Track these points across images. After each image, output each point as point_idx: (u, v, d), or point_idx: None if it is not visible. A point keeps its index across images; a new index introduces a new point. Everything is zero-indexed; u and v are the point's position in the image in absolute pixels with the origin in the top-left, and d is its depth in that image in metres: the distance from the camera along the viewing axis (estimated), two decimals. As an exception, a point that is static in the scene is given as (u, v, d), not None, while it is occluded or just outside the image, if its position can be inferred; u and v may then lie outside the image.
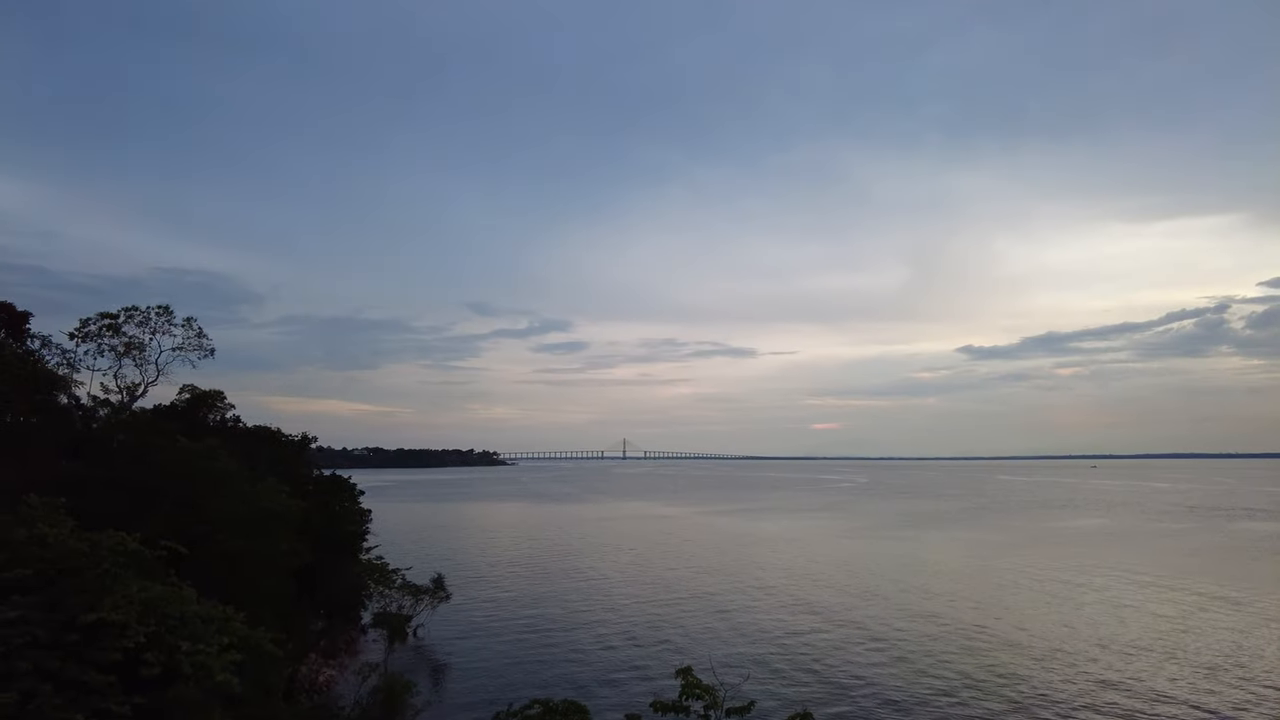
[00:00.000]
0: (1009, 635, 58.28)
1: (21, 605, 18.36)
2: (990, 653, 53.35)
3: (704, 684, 20.44)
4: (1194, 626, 60.79)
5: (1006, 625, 61.65)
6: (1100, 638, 57.41)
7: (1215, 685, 45.75)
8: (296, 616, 42.87)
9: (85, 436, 43.41)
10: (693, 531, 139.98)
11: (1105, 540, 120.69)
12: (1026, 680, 46.95)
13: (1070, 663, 50.82)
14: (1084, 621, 62.88)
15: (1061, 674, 48.42)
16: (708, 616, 65.78)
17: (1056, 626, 61.13)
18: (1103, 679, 47.26)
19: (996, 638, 57.61)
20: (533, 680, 46.71)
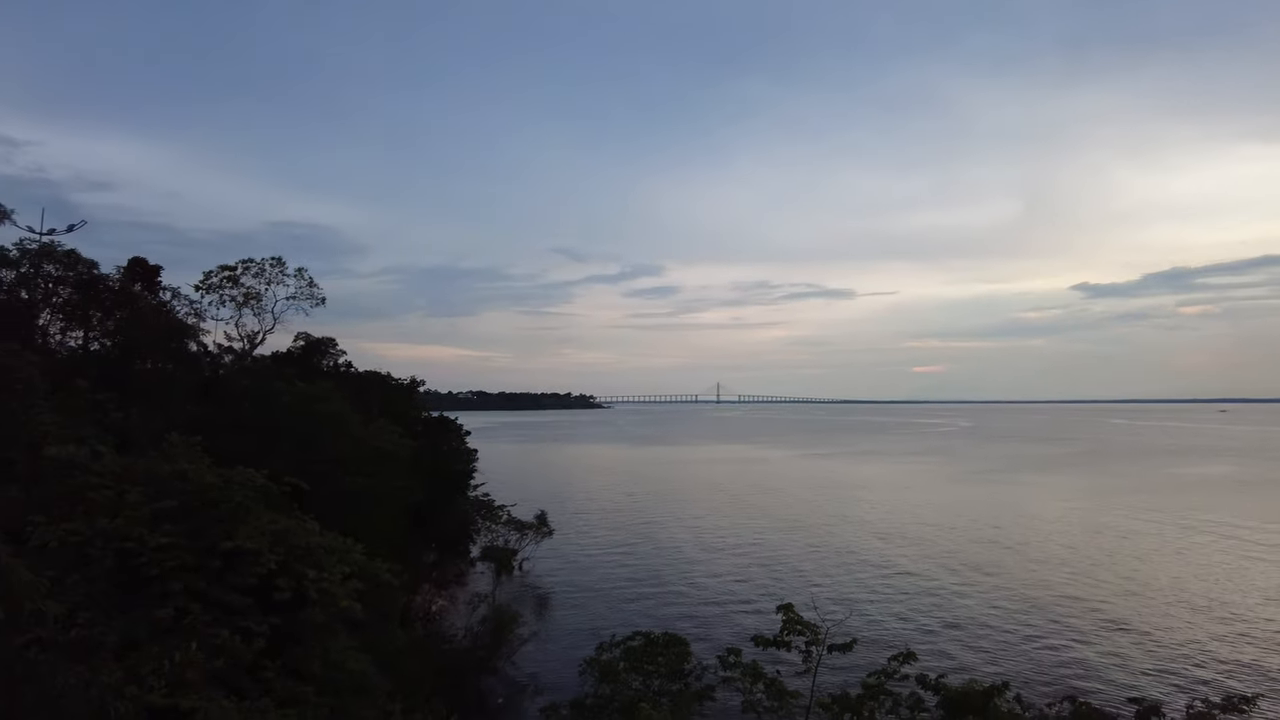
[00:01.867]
0: (1112, 584, 56.09)
1: (171, 533, 20.09)
2: (1091, 601, 51.58)
3: (805, 620, 20.63)
4: (1332, 577, 57.01)
5: (1111, 573, 59.30)
6: (1211, 590, 54.57)
7: (1355, 638, 43.00)
8: (410, 549, 45.40)
9: (213, 381, 46.58)
10: (788, 474, 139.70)
11: (1229, 489, 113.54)
12: (1128, 630, 45.27)
13: (1172, 613, 48.65)
14: (1192, 572, 59.80)
15: (1165, 624, 46.44)
16: (805, 557, 65.94)
17: (1164, 576, 58.36)
18: (1210, 631, 45.07)
19: (1100, 586, 55.56)
20: (632, 614, 48.17)
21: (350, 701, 20.59)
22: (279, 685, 18.96)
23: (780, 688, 19.92)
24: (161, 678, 15.47)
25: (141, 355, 41.72)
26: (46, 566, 17.42)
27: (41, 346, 40.31)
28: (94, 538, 19.44)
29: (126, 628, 17.74)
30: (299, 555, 22.16)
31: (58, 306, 42.86)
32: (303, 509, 26.56)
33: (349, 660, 22.09)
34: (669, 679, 23.55)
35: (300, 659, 20.61)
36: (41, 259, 41.95)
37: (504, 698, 36.59)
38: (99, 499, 20.90)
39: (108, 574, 18.88)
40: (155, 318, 42.68)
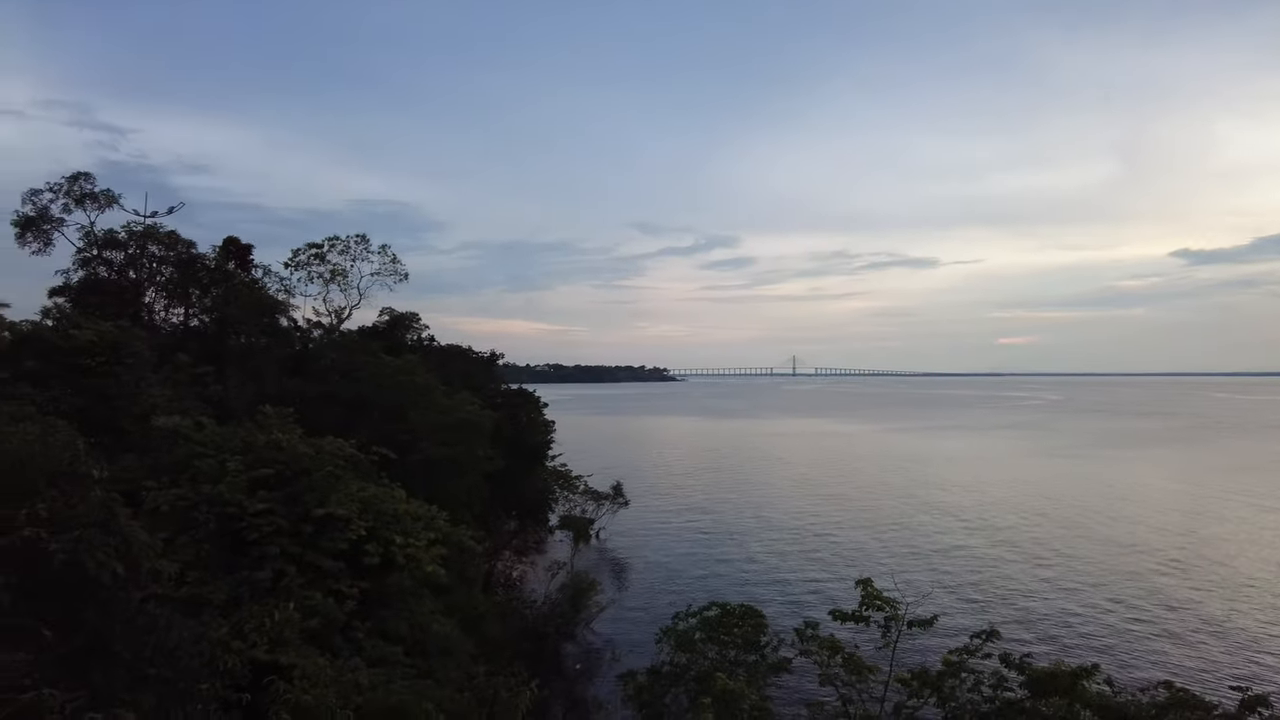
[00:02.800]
0: (1210, 570, 53.36)
1: (268, 499, 21.20)
2: (1185, 588, 49.28)
3: (884, 596, 20.43)
4: None
5: (1208, 559, 56.40)
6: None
7: None
8: (491, 517, 46.72)
9: (303, 355, 48.58)
10: (867, 448, 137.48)
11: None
12: (1227, 620, 43.14)
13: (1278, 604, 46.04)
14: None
15: (1270, 616, 44.05)
16: (881, 532, 65.02)
17: (1269, 564, 55.20)
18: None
19: (1195, 572, 52.97)
20: (708, 584, 48.50)
21: (436, 662, 21.45)
22: (369, 645, 19.91)
23: (858, 662, 19.82)
24: (263, 635, 16.45)
25: (236, 330, 43.77)
26: (159, 528, 18.63)
27: (148, 323, 42.77)
28: (199, 503, 20.71)
29: (231, 587, 18.89)
30: (387, 522, 23.11)
31: (161, 285, 45.31)
32: (389, 477, 27.64)
33: (434, 623, 23.00)
34: (745, 650, 23.67)
35: (388, 621, 21.57)
36: (146, 240, 44.35)
37: (581, 663, 37.47)
38: (203, 467, 22.20)
39: (212, 537, 20.11)
40: (249, 294, 44.67)
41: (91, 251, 43.51)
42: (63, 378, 27.29)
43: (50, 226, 43.47)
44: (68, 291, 41.78)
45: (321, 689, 14.75)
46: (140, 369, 29.65)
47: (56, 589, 8.18)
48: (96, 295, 41.23)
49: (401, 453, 33.41)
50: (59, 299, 40.86)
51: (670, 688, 23.11)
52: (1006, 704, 18.18)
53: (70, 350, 28.04)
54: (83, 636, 8.15)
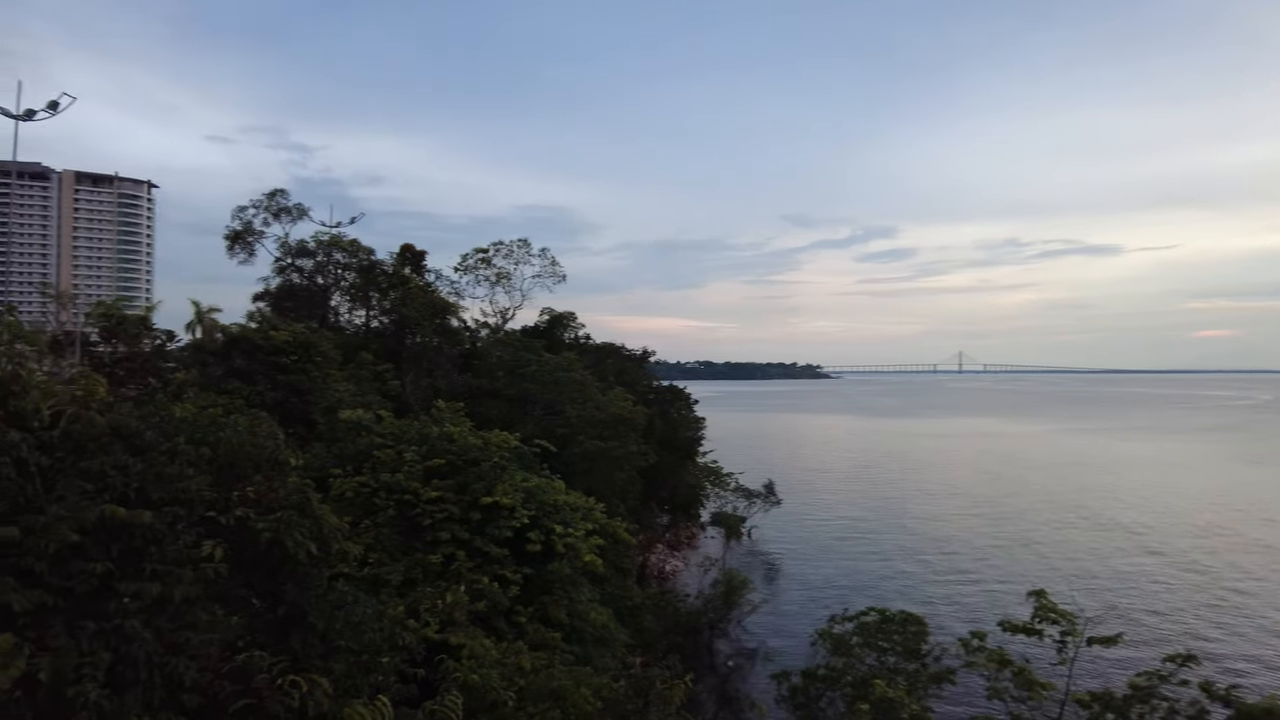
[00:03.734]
0: None
1: (440, 488, 22.65)
2: None
3: (1060, 609, 19.05)
4: None
5: None
6: None
7: None
8: (645, 511, 47.55)
9: (471, 353, 51.40)
10: (1037, 451, 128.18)
11: None
12: None
13: None
14: None
15: None
16: (1054, 541, 60.52)
17: None
18: None
19: None
20: (863, 588, 47.02)
21: (593, 650, 22.12)
22: (530, 630, 20.82)
23: (1030, 677, 18.58)
24: (435, 615, 17.61)
25: (412, 331, 46.97)
26: (344, 513, 20.34)
27: (334, 324, 46.79)
28: (379, 490, 22.46)
29: (406, 569, 20.35)
30: (547, 511, 24.08)
31: (345, 289, 49.40)
32: (549, 469, 28.79)
33: (592, 612, 23.70)
34: (905, 657, 22.82)
35: (549, 607, 22.46)
36: (331, 249, 48.54)
37: (734, 660, 37.40)
38: (382, 457, 24.04)
39: (390, 521, 21.75)
40: (423, 297, 47.81)
41: (286, 260, 48.14)
42: (264, 374, 30.35)
43: (253, 239, 48.53)
44: (268, 296, 46.44)
45: (487, 669, 15.60)
46: (328, 366, 32.47)
47: (263, 563, 9.17)
48: (291, 299, 45.61)
49: (560, 446, 34.66)
50: (261, 303, 45.47)
51: (825, 691, 22.68)
52: (1207, 737, 16.47)
53: (270, 350, 31.12)
54: (284, 607, 9.10)
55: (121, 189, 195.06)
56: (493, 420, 34.84)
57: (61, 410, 8.12)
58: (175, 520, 7.96)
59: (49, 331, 30.40)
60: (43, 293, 49.68)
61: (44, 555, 6.78)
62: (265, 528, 8.99)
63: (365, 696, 8.90)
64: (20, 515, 6.95)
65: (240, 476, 9.66)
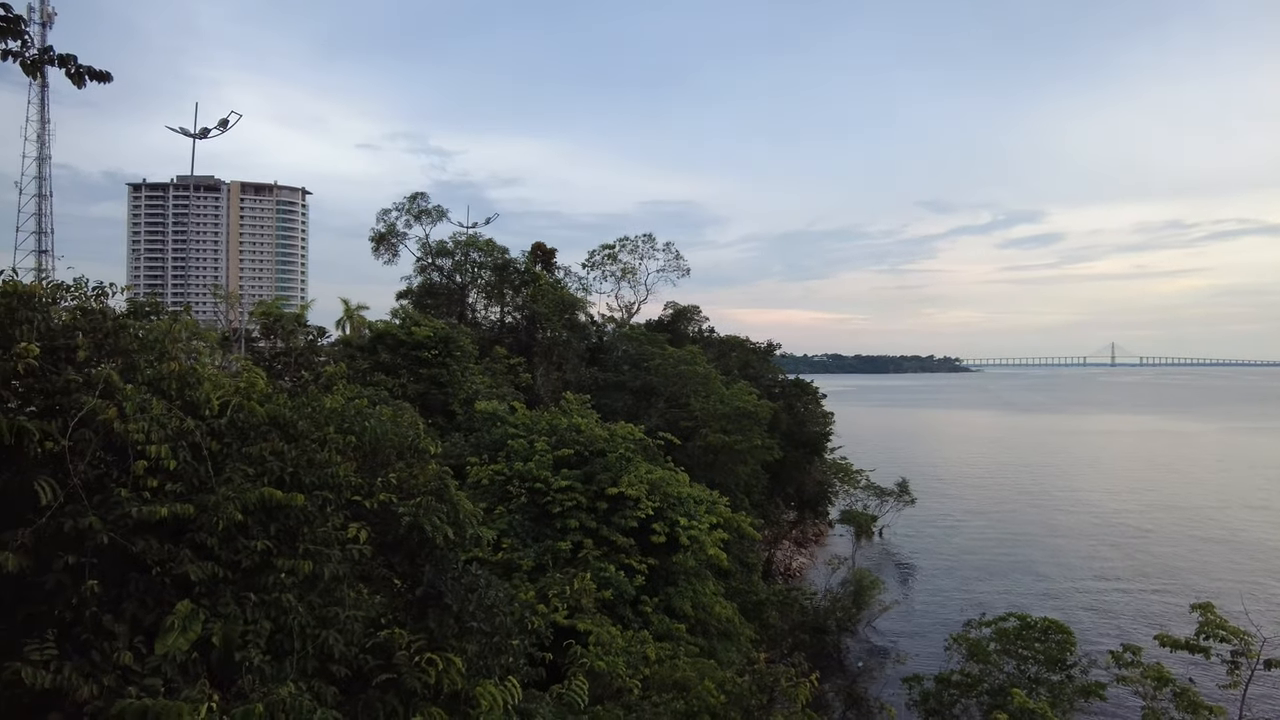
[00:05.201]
0: None
1: (569, 477, 23.32)
2: None
3: (1231, 625, 17.39)
4: None
5: None
6: None
7: None
8: (770, 506, 47.08)
9: (598, 347, 52.53)
10: (1201, 452, 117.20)
11: None
12: None
13: None
14: None
15: None
16: (1216, 551, 55.33)
17: None
18: None
19: None
20: (1001, 593, 44.70)
21: (717, 643, 22.16)
22: (655, 620, 21.10)
23: (1195, 699, 17.05)
24: (563, 601, 18.16)
25: (543, 326, 48.51)
26: (479, 500, 21.26)
27: (471, 320, 49.00)
28: (512, 478, 23.37)
29: (537, 555, 21.07)
30: (672, 503, 24.32)
31: (481, 287, 51.61)
32: (674, 461, 29.05)
33: (716, 605, 23.74)
34: (1047, 667, 21.55)
35: (673, 598, 22.67)
36: (469, 248, 50.80)
37: (863, 661, 36.46)
38: (515, 446, 24.99)
39: (522, 509, 22.58)
40: (553, 293, 49.27)
41: (427, 259, 50.78)
42: (407, 367, 32.19)
43: (396, 240, 51.46)
44: (410, 294, 49.17)
45: (613, 657, 15.93)
46: (465, 360, 34.04)
47: (403, 546, 9.76)
48: (431, 297, 48.11)
49: (684, 439, 34.85)
50: (403, 301, 48.20)
51: (960, 698, 21.76)
52: None
53: (412, 344, 32.97)
54: (422, 588, 9.64)
55: (280, 197, 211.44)
56: (618, 412, 35.47)
57: (228, 400, 8.94)
58: (325, 503, 8.61)
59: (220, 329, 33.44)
60: (214, 294, 54.65)
61: (215, 531, 7.50)
62: (406, 512, 9.56)
63: (496, 677, 9.31)
64: (195, 495, 7.72)
65: (383, 463, 10.31)
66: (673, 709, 14.61)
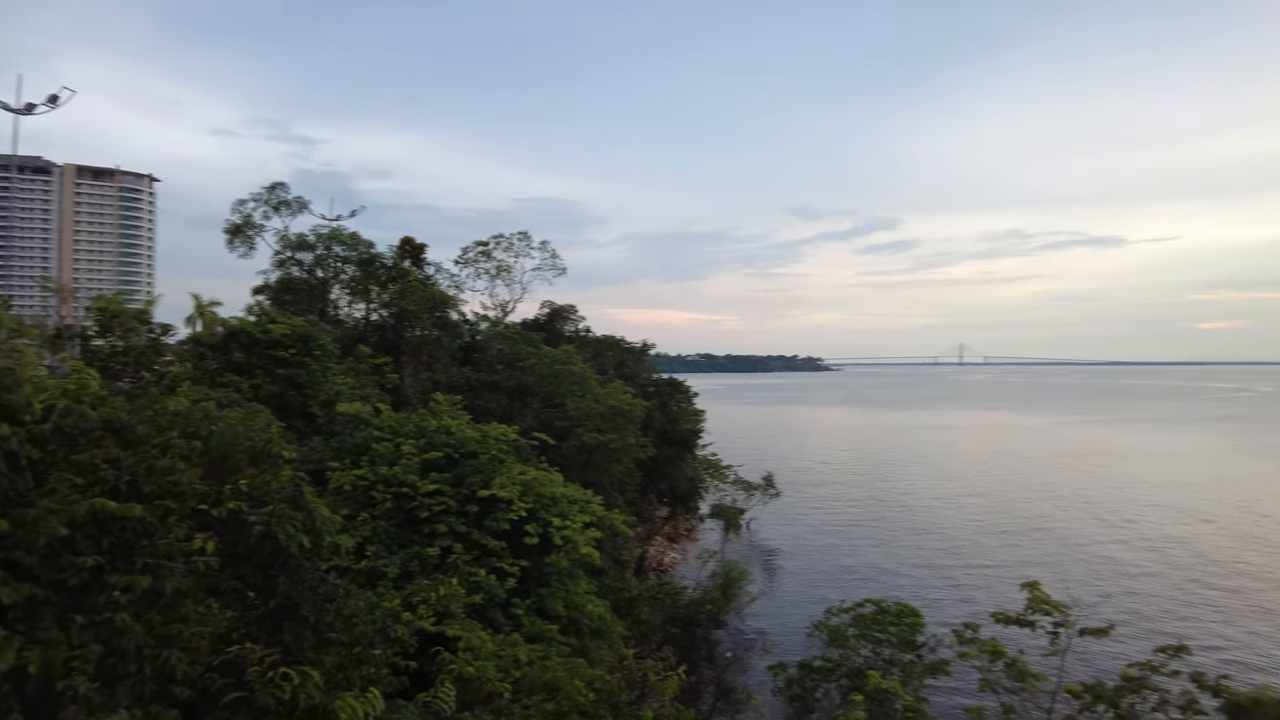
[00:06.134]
0: None
1: (438, 480, 22.74)
2: None
3: (1053, 600, 19.13)
4: None
5: None
6: None
7: None
8: (643, 503, 47.67)
9: (471, 346, 51.46)
10: (1040, 444, 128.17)
11: None
12: None
13: None
14: None
15: None
16: (1052, 532, 60.63)
17: None
18: None
19: None
20: (861, 580, 47.16)
21: (589, 642, 22.22)
22: (527, 622, 20.92)
23: (1023, 668, 18.62)
24: (431, 608, 17.70)
25: (411, 324, 47.01)
26: (341, 506, 20.42)
27: (334, 318, 46.84)
28: (377, 483, 22.54)
29: (403, 561, 20.44)
30: (545, 504, 24.15)
31: (345, 282, 49.39)
32: (548, 462, 28.88)
33: (589, 604, 23.79)
34: (900, 648, 22.90)
35: (546, 599, 22.55)
36: (331, 242, 48.50)
37: (732, 652, 37.52)
38: (380, 449, 24.12)
39: (388, 514, 21.83)
40: (422, 290, 47.82)
41: (286, 253, 48.10)
42: (263, 368, 30.39)
43: (253, 232, 48.47)
44: (267, 290, 46.43)
45: (483, 661, 15.69)
46: (326, 360, 32.52)
47: (255, 556, 9.24)
48: (290, 293, 45.62)
49: (559, 438, 34.73)
50: (260, 297, 45.47)
51: (822, 682, 22.75)
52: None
53: (268, 343, 31.15)
54: (276, 600, 9.17)
55: (123, 183, 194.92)
56: (491, 413, 34.90)
57: (53, 404, 8.17)
58: (167, 513, 8.02)
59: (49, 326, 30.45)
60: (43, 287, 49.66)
61: (34, 549, 6.83)
62: (257, 521, 9.05)
63: (356, 689, 8.97)
64: (10, 509, 7.01)
65: (233, 470, 9.71)
66: (543, 710, 14.55)
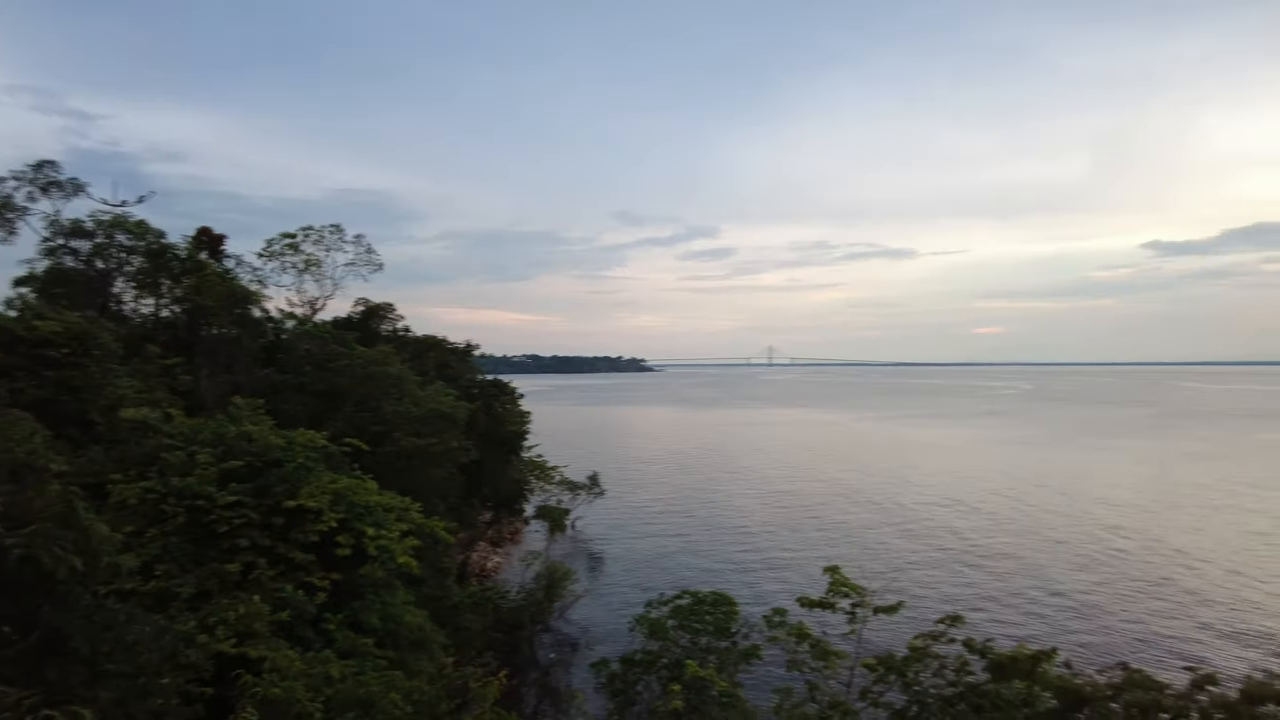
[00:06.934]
0: (1174, 556, 54.52)
1: (238, 491, 21.09)
2: (1151, 573, 50.34)
3: (851, 582, 20.78)
4: None
5: (1175, 546, 57.61)
6: None
7: None
8: (466, 508, 46.68)
9: (276, 346, 48.11)
10: (842, 437, 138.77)
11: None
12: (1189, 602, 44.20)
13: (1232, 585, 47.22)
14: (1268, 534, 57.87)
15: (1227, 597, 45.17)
16: (856, 521, 65.73)
17: (1231, 550, 56.50)
18: None
19: (1161, 558, 54.18)
20: (682, 574, 48.81)
21: (408, 654, 21.49)
22: (340, 637, 19.90)
23: (825, 648, 20.14)
24: (230, 628, 16.40)
25: (208, 321, 43.26)
26: (126, 522, 18.48)
27: (116, 314, 42.16)
28: (168, 495, 20.55)
29: (199, 580, 18.79)
30: (359, 514, 23.05)
31: (130, 275, 44.58)
32: (362, 469, 27.54)
33: (407, 615, 23.01)
34: (716, 637, 23.94)
35: (360, 613, 21.56)
36: (114, 230, 43.59)
37: (556, 653, 37.65)
38: (172, 459, 22.03)
39: (181, 530, 19.97)
40: (220, 285, 44.11)
41: (57, 241, 42.70)
42: (27, 370, 26.86)
43: (14, 215, 42.57)
44: (33, 281, 40.99)
45: (290, 682, 14.77)
46: (107, 361, 29.25)
47: (13, 584, 8.14)
48: (63, 285, 40.52)
49: (375, 444, 33.27)
50: (24, 289, 40.10)
51: (643, 675, 23.34)
52: (969, 688, 18.57)
53: (35, 341, 27.58)
54: (39, 632, 8.12)
55: None
56: (299, 418, 32.91)
57: None
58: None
59: None
60: None
61: None
62: (16, 544, 7.99)
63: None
64: None
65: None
66: (357, 728, 13.93)
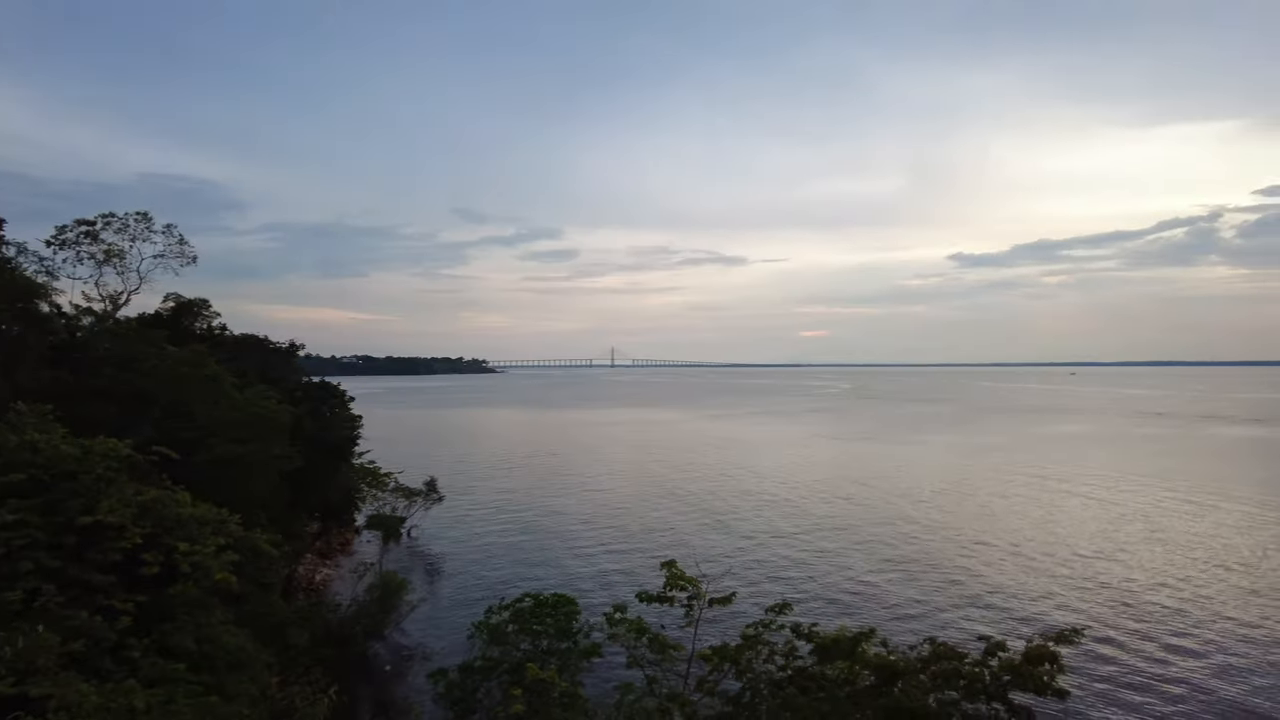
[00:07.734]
0: (970, 535, 60.49)
1: (20, 509, 18.76)
2: (951, 552, 55.51)
3: (687, 576, 21.44)
4: (1122, 516, 63.41)
5: (970, 525, 63.96)
6: (1057, 535, 59.85)
7: (1165, 574, 48.08)
8: (291, 519, 43.95)
9: (69, 345, 43.23)
10: (679, 436, 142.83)
11: (1079, 444, 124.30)
12: (982, 578, 49.14)
13: (1020, 559, 53.11)
14: (1042, 518, 65.40)
15: (1014, 572, 50.66)
16: (692, 515, 67.83)
17: (1018, 527, 63.50)
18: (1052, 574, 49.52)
19: (959, 537, 59.86)
20: (523, 577, 48.43)
21: (226, 677, 19.97)
22: (146, 664, 18.18)
23: (663, 642, 20.69)
24: (7, 665, 14.54)
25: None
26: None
27: None
28: (-70, 516, 17.96)
29: (-30, 612, 16.56)
30: (168, 528, 21.16)
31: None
32: (172, 479, 25.26)
33: (224, 635, 21.38)
34: (558, 638, 23.93)
35: (171, 636, 19.80)
36: None
37: (391, 665, 36.25)
38: (-65, 474, 19.27)
39: (-53, 555, 17.52)
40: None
41: None
42: None
43: None
44: None
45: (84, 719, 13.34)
46: None
47: None
48: None
49: (187, 452, 30.70)
50: None
51: (483, 682, 22.95)
52: (797, 671, 19.70)
53: None
54: None
55: None
56: (98, 425, 29.72)
57: None
58: None
59: None
60: None
61: None
62: None
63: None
64: None
65: None
66: (166, 763, 12.78)
